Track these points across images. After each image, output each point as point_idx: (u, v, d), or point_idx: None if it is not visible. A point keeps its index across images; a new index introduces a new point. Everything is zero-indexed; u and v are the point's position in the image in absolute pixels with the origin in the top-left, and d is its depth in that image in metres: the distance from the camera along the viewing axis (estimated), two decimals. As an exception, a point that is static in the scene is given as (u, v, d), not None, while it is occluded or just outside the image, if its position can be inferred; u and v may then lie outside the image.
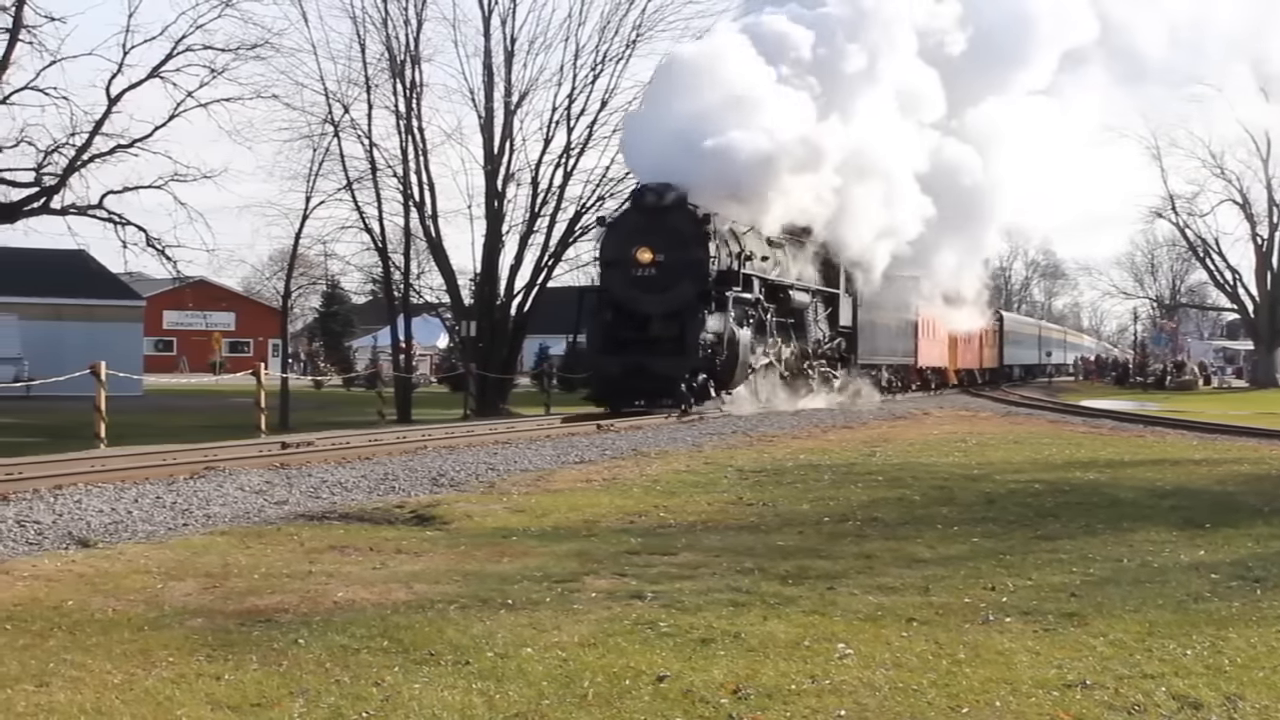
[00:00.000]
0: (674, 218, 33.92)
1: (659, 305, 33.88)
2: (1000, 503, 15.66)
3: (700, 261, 33.84)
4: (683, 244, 33.78)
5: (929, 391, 59.58)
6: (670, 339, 33.55)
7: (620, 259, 34.32)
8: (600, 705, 6.98)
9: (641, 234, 34.08)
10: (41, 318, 56.36)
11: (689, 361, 33.15)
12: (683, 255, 33.72)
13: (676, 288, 33.68)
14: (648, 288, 33.88)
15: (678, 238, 33.78)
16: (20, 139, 34.88)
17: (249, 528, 13.30)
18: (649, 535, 12.89)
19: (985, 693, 7.23)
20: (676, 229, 33.89)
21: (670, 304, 33.72)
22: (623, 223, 35.66)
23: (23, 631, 8.43)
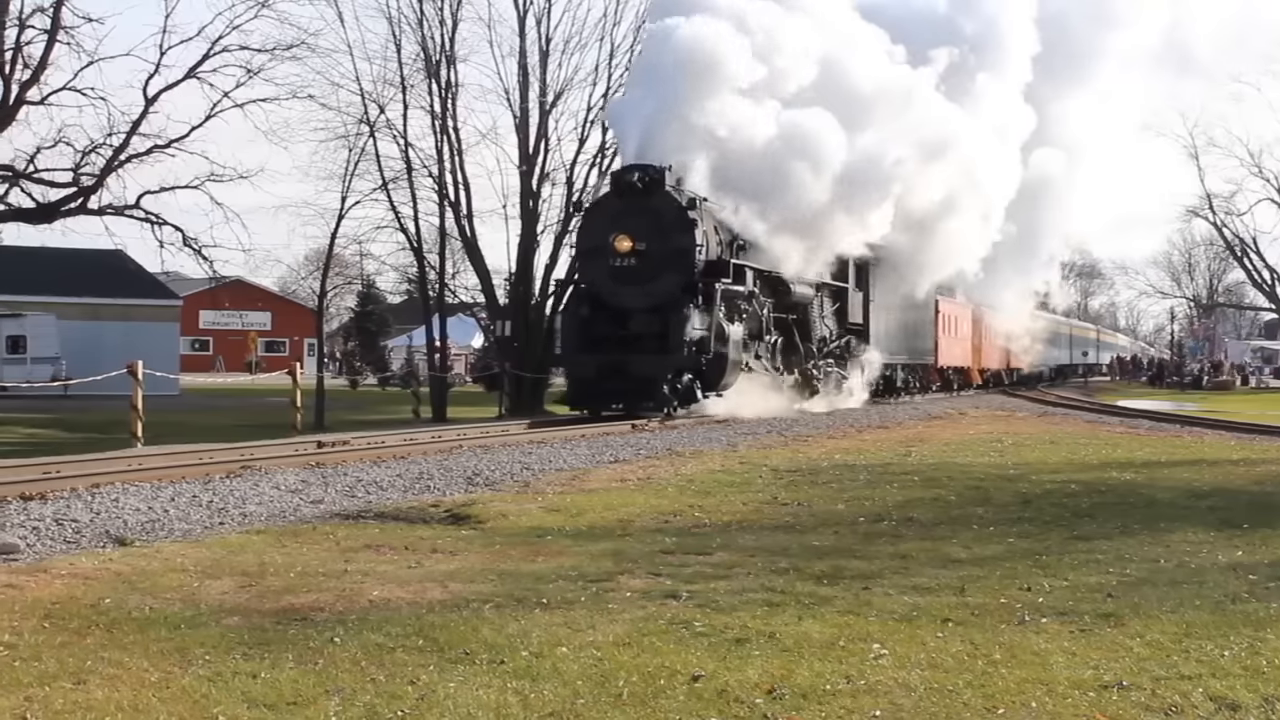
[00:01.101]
0: (657, 202, 31.38)
1: (640, 298, 31.34)
2: (1036, 503, 15.61)
3: (685, 250, 31.34)
4: (666, 231, 31.34)
5: (950, 393, 57.53)
6: (652, 336, 31.03)
7: (598, 248, 31.90)
8: (635, 705, 6.97)
9: (621, 220, 31.58)
10: (79, 317, 56.59)
11: (672, 361, 30.77)
12: (666, 243, 31.26)
13: (659, 279, 31.24)
14: (628, 279, 31.42)
15: (660, 224, 31.35)
16: (58, 139, 35.06)
17: (285, 527, 13.34)
18: (684, 535, 12.88)
19: (1021, 694, 7.20)
20: (659, 214, 31.39)
21: (652, 297, 31.24)
22: (601, 208, 33.11)
23: (61, 629, 8.47)
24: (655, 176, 31.22)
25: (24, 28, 34.76)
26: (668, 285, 31.10)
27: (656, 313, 31.01)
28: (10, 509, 13.38)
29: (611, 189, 32.69)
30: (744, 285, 33.64)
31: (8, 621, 8.62)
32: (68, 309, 57.06)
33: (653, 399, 30.48)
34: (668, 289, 31.09)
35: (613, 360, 30.61)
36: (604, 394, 31.40)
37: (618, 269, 31.32)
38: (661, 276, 31.12)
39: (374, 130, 43.74)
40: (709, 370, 31.52)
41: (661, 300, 31.03)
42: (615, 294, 31.47)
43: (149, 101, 35.64)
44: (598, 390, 31.42)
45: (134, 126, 35.41)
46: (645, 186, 31.21)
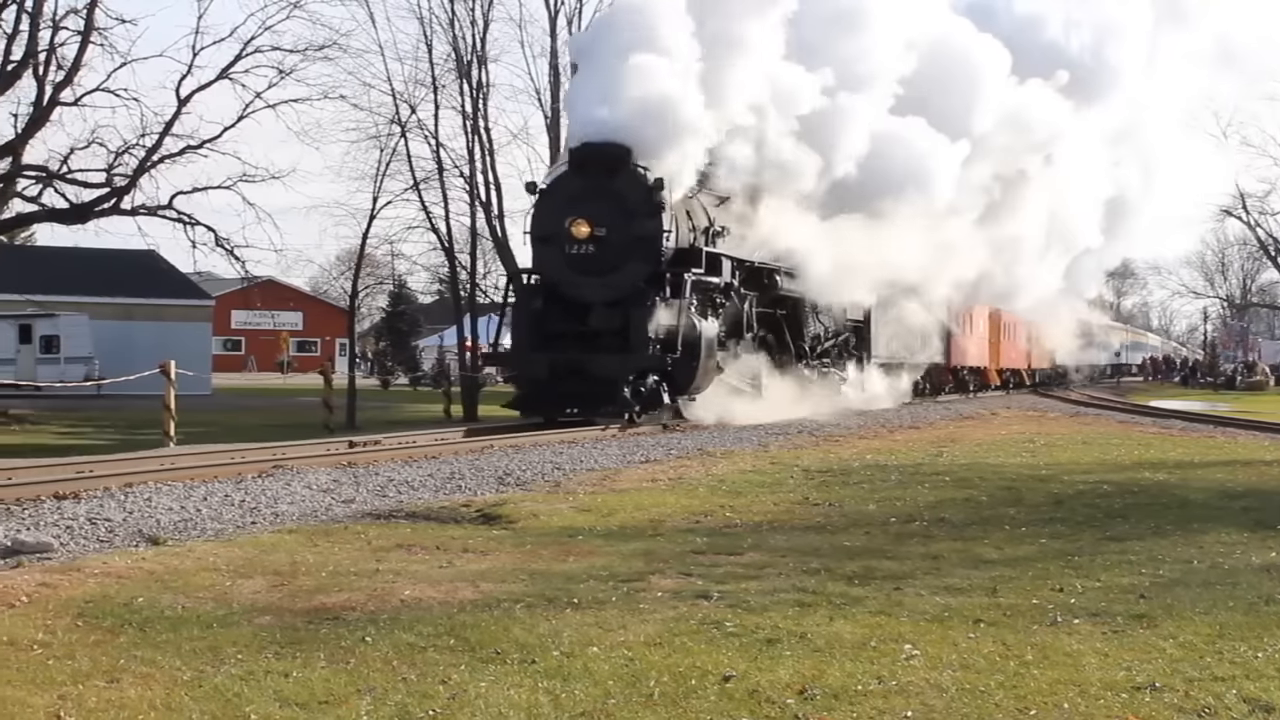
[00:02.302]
0: (621, 183, 28.32)
1: (600, 290, 28.39)
2: (1068, 503, 15.56)
3: (651, 236, 28.30)
4: (629, 215, 28.31)
5: (966, 394, 54.96)
6: (613, 332, 28.11)
7: (553, 234, 28.70)
8: (666, 705, 6.97)
9: (579, 202, 28.52)
10: (112, 317, 56.82)
11: (635, 360, 27.77)
12: (629, 228, 28.25)
13: (621, 269, 28.30)
14: (586, 269, 28.46)
15: (623, 207, 28.35)
16: (91, 140, 35.13)
17: (317, 526, 13.37)
18: (715, 535, 12.88)
19: (1053, 695, 7.18)
20: (622, 196, 28.35)
21: (613, 289, 28.29)
22: (558, 189, 29.56)
23: (94, 628, 8.51)
24: (619, 154, 28.26)
25: (57, 29, 34.89)
26: (631, 275, 28.31)
27: (618, 306, 28.19)
28: (44, 508, 13.45)
29: (569, 168, 29.51)
30: (719, 276, 30.65)
31: (41, 620, 8.66)
32: (101, 309, 57.29)
33: (613, 403, 27.42)
34: (631, 280, 28.28)
35: (568, 359, 27.94)
36: (558, 397, 28.30)
37: (575, 257, 28.50)
38: (624, 266, 28.33)
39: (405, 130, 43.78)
40: (677, 371, 28.62)
41: (624, 292, 28.21)
42: (573, 285, 28.74)
43: (181, 102, 35.73)
44: (551, 393, 28.35)
45: (167, 127, 35.50)
46: (608, 165, 28.31)
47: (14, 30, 34.59)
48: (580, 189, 28.60)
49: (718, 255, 30.67)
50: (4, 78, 34.51)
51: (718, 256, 30.66)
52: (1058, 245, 51.47)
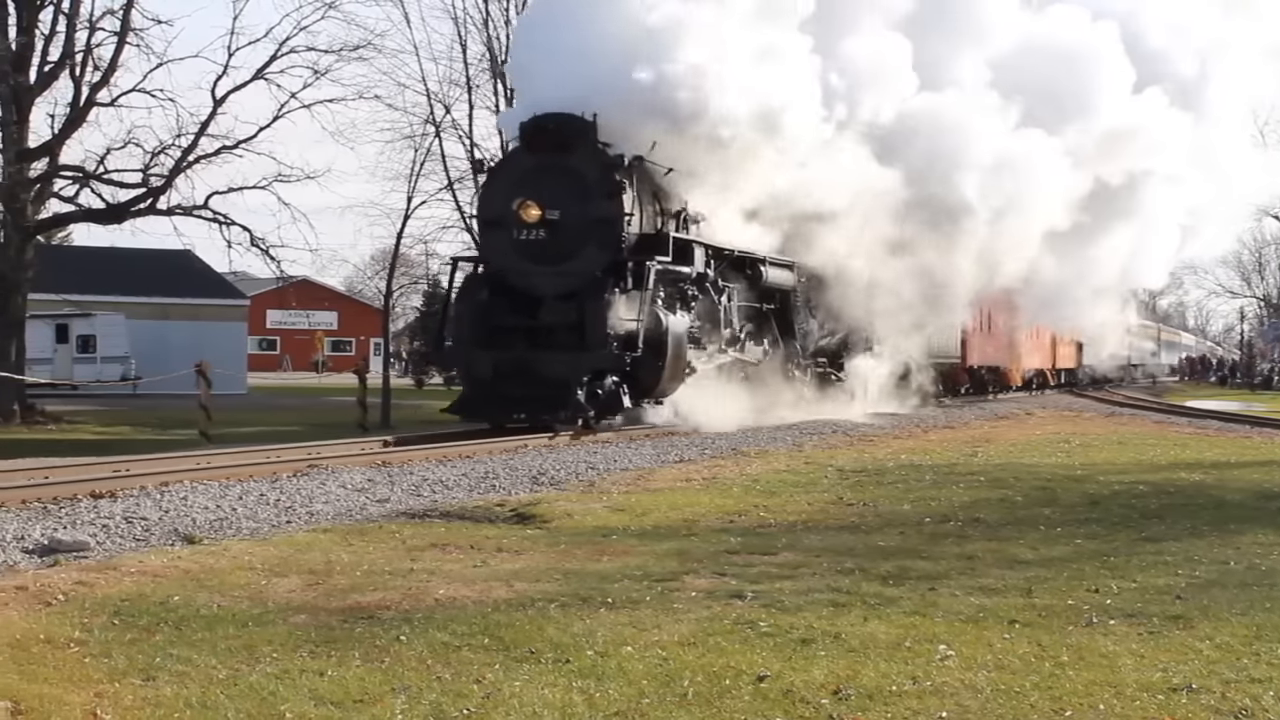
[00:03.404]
0: (577, 160, 25.84)
1: (552, 281, 25.69)
2: (1104, 504, 15.50)
3: (610, 220, 25.67)
4: (585, 196, 25.71)
5: (984, 396, 51.72)
6: (567, 328, 25.46)
7: (501, 217, 26.02)
8: (700, 705, 6.97)
9: (529, 182, 25.79)
10: (148, 317, 57.03)
11: (590, 359, 25.00)
12: (585, 211, 25.65)
13: (576, 256, 25.66)
14: (537, 256, 25.71)
15: (579, 187, 25.76)
16: (128, 140, 35.25)
17: (351, 525, 13.41)
18: (749, 535, 12.86)
19: (1089, 696, 7.16)
20: (578, 175, 25.85)
21: (567, 279, 25.57)
22: (507, 168, 27.05)
23: (130, 626, 8.54)
24: (575, 128, 25.78)
25: (94, 30, 35.05)
26: (587, 264, 25.61)
27: (572, 299, 25.51)
28: (81, 507, 13.51)
29: (520, 144, 26.85)
30: (690, 266, 27.59)
31: (78, 618, 8.70)
32: (137, 308, 57.50)
33: (564, 406, 24.59)
34: (587, 268, 25.58)
35: (515, 357, 25.31)
36: (504, 400, 25.21)
37: (525, 243, 25.79)
38: (579, 253, 25.67)
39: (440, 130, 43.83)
40: (641, 371, 25.73)
41: (579, 283, 25.52)
42: (522, 275, 25.95)
43: (217, 103, 35.84)
44: (496, 395, 25.35)
45: (202, 127, 35.61)
46: (562, 140, 25.81)
47: (51, 31, 34.81)
48: (531, 167, 26.10)
49: (689, 242, 27.73)
50: (41, 79, 34.71)
51: (688, 243, 27.71)
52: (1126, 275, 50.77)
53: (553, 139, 25.83)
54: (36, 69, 34.59)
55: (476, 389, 25.97)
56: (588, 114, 25.72)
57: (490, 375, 25.38)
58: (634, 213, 26.09)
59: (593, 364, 24.96)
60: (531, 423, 24.63)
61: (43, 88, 34.94)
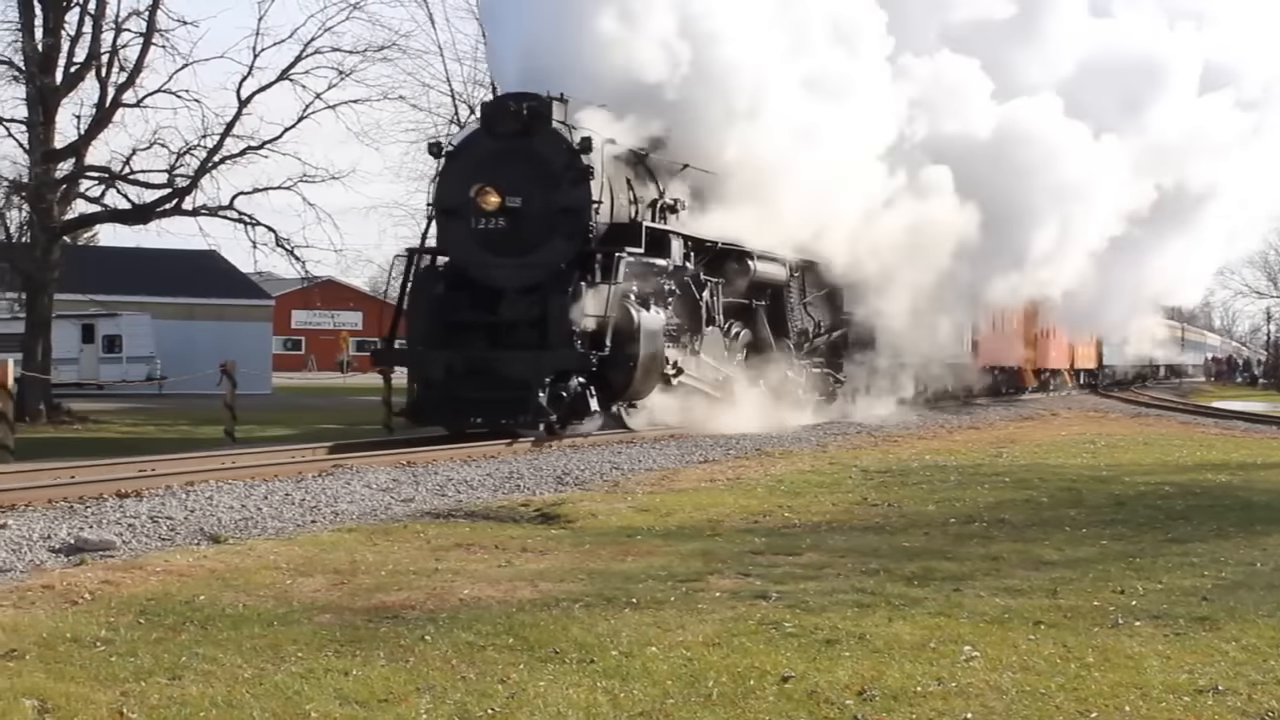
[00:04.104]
0: (540, 144, 23.91)
1: (514, 274, 23.77)
2: (1130, 505, 15.45)
3: (576, 208, 23.69)
4: (549, 182, 23.77)
5: (997, 397, 48.58)
6: (529, 324, 23.56)
7: (460, 206, 24.02)
8: (725, 705, 6.97)
9: (489, 167, 23.83)
10: (174, 317, 57.21)
11: (553, 358, 22.88)
12: (549, 198, 23.73)
13: (540, 247, 23.70)
14: (497, 247, 23.77)
15: (543, 173, 23.82)
16: (153, 141, 35.37)
17: (376, 525, 13.43)
18: (773, 535, 12.85)
19: (1115, 697, 7.14)
20: (542, 160, 23.90)
21: (530, 271, 23.66)
22: (466, 153, 24.78)
23: (156, 625, 8.57)
24: (538, 108, 23.82)
25: (120, 31, 35.19)
26: (551, 255, 23.68)
27: (535, 292, 23.57)
28: (107, 506, 13.55)
29: (481, 127, 24.96)
30: (667, 258, 25.51)
31: (105, 617, 8.73)
32: (163, 309, 57.68)
33: (525, 410, 22.51)
34: (551, 260, 23.65)
35: (471, 357, 23.31)
36: (461, 403, 23.17)
37: (484, 233, 23.83)
38: (543, 244, 23.73)
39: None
40: (610, 371, 23.68)
41: (541, 275, 23.62)
42: (482, 267, 24.10)
43: (242, 103, 35.92)
44: (452, 398, 23.29)
45: (227, 128, 35.70)
46: (524, 122, 23.81)
47: (77, 32, 34.95)
48: (491, 152, 24.10)
49: (665, 233, 25.71)
50: (67, 79, 34.85)
51: (664, 234, 25.67)
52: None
53: (515, 120, 23.84)
54: (63, 70, 34.73)
55: (429, 391, 23.91)
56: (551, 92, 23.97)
57: (443, 376, 23.41)
58: (603, 200, 24.11)
59: (556, 363, 22.84)
60: (490, 428, 22.71)
61: (69, 89, 35.09)
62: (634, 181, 25.51)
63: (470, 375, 22.98)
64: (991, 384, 48.05)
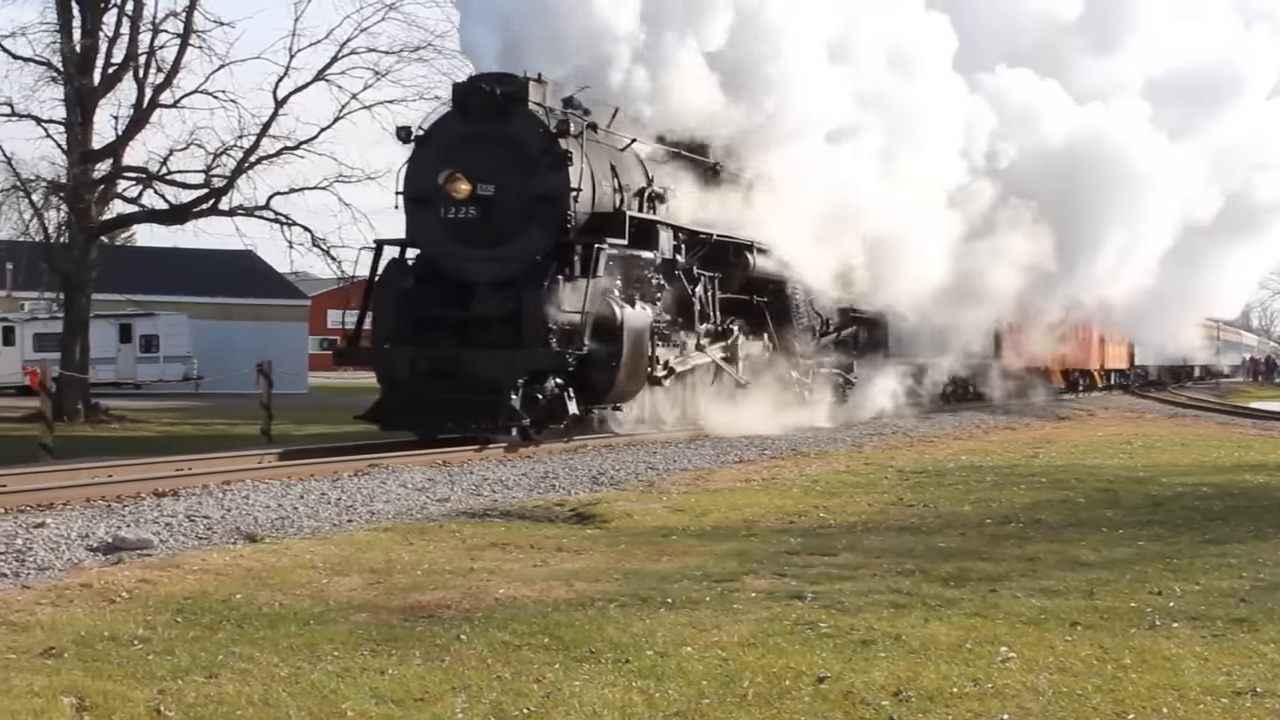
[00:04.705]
0: (516, 127, 22.19)
1: (486, 267, 22.01)
2: (1167, 505, 15.37)
3: (554, 196, 22.00)
4: (525, 168, 22.05)
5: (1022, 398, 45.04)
6: (502, 321, 21.82)
7: (430, 194, 22.28)
8: (760, 705, 6.96)
9: (460, 152, 22.10)
10: (210, 317, 57.49)
11: (527, 357, 21.17)
12: (525, 186, 21.99)
13: (515, 238, 21.93)
14: (469, 238, 22.03)
15: (518, 158, 22.10)
16: (190, 142, 35.63)
17: (412, 524, 13.44)
18: (809, 535, 12.83)
19: (1152, 699, 7.11)
20: (518, 144, 22.17)
21: (504, 264, 21.91)
22: (437, 137, 22.92)
23: (193, 624, 8.60)
24: (513, 88, 22.14)
25: (157, 32, 35.45)
26: (527, 246, 21.86)
27: (509, 287, 21.83)
28: (144, 505, 13.61)
29: (454, 109, 23.17)
30: (654, 250, 24.02)
31: (142, 616, 8.77)
32: (199, 308, 57.96)
33: (497, 414, 20.72)
34: (526, 252, 21.82)
35: (440, 356, 21.55)
36: (429, 406, 21.41)
37: (455, 223, 22.08)
38: (518, 234, 21.98)
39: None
40: (590, 372, 21.91)
41: (516, 269, 21.86)
42: (453, 260, 22.43)
43: (278, 104, 36.12)
44: (418, 400, 21.54)
45: (264, 129, 35.89)
46: (498, 104, 22.14)
47: (115, 33, 35.24)
48: (463, 136, 22.36)
49: (653, 223, 24.20)
50: (105, 80, 35.10)
51: (653, 224, 24.18)
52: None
53: (485, 103, 22.14)
54: (100, 71, 35.00)
55: (394, 392, 22.13)
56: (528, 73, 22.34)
57: (408, 376, 21.71)
58: (583, 188, 22.32)
59: (530, 363, 21.11)
60: (460, 432, 21.10)
61: (106, 89, 35.34)
62: (618, 168, 23.82)
63: (439, 376, 21.35)
64: (1017, 384, 45.57)
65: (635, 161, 24.60)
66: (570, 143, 21.98)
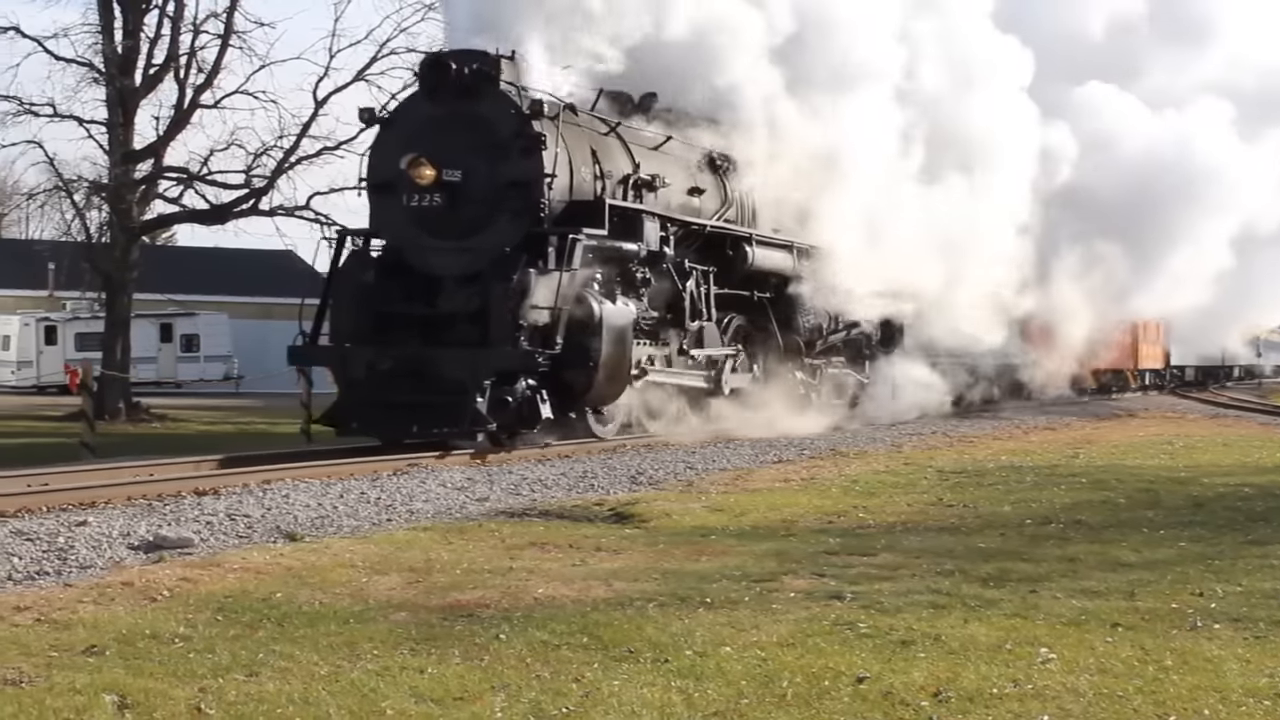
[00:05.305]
0: (486, 107, 20.60)
1: (453, 259, 20.56)
2: (1208, 506, 15.28)
3: (526, 183, 20.37)
4: (495, 152, 20.46)
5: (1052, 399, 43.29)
6: (469, 317, 20.22)
7: (393, 180, 20.78)
8: (799, 705, 6.95)
9: (426, 136, 20.57)
10: (250, 316, 57.72)
11: (494, 357, 19.64)
12: (495, 172, 20.42)
13: (484, 228, 20.45)
14: (435, 228, 20.57)
15: (487, 142, 20.51)
16: (230, 142, 35.85)
17: (451, 523, 13.47)
18: (848, 535, 12.80)
19: (1193, 701, 7.07)
20: (488, 126, 20.61)
21: (472, 256, 20.39)
22: (403, 119, 21.58)
23: (233, 622, 8.63)
24: (483, 67, 20.49)
25: (198, 33, 35.66)
26: (497, 237, 20.38)
27: (477, 280, 20.26)
28: (185, 504, 13.67)
29: (419, 89, 21.74)
30: (639, 241, 22.21)
31: (183, 614, 8.81)
32: (240, 308, 58.22)
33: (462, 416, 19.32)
34: (496, 243, 20.32)
35: (403, 355, 20.02)
36: (390, 409, 19.90)
37: (419, 211, 20.54)
38: (487, 224, 20.49)
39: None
40: (566, 373, 20.34)
41: (484, 261, 20.28)
42: (419, 251, 20.91)
43: (318, 104, 36.25)
44: (378, 402, 20.04)
45: (304, 129, 36.04)
46: (466, 84, 20.50)
47: (156, 34, 35.45)
48: (429, 118, 20.84)
49: (637, 212, 22.36)
50: (146, 81, 35.33)
51: (637, 214, 22.32)
52: None
53: (453, 83, 20.52)
54: (142, 72, 35.25)
55: (353, 394, 20.58)
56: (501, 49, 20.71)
57: (365, 377, 20.24)
58: (559, 174, 20.66)
59: (497, 363, 19.58)
60: (422, 438, 19.49)
61: (148, 90, 35.58)
62: (600, 153, 22.05)
63: (402, 376, 19.76)
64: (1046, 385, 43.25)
65: (620, 146, 22.89)
66: (545, 125, 20.38)
